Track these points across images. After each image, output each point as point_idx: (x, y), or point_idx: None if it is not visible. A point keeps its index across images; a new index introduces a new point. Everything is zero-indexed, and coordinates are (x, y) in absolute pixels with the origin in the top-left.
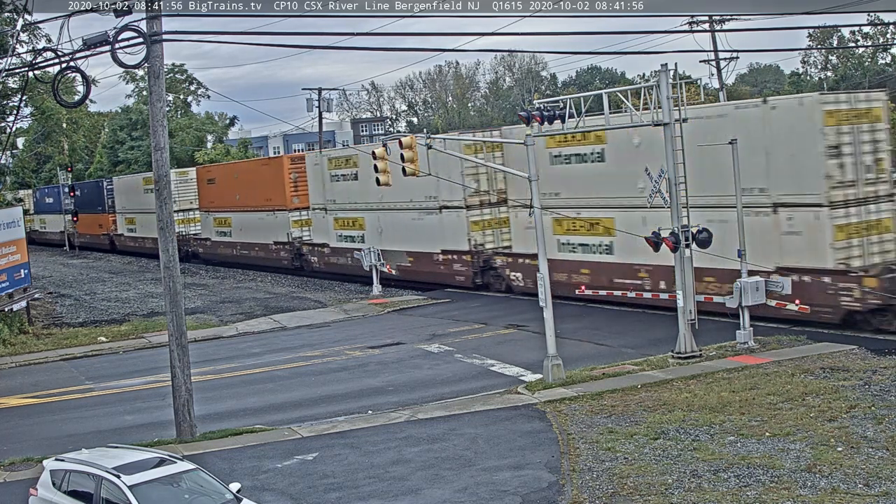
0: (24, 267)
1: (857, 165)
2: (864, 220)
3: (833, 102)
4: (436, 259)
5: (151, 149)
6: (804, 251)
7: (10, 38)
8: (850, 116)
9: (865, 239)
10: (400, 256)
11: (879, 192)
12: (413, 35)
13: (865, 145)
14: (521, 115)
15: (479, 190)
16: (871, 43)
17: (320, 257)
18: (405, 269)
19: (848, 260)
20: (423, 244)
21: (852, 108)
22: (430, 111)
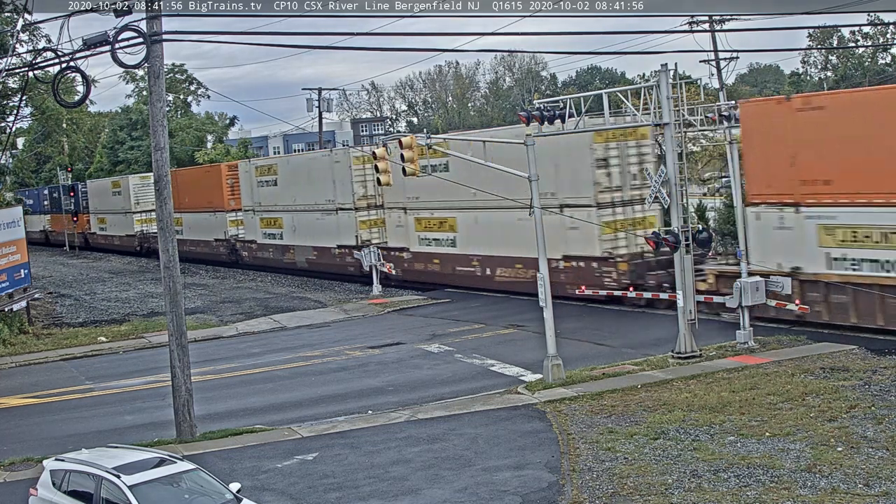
0: (24, 267)
1: (623, 174)
2: (628, 217)
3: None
4: (334, 253)
5: (151, 149)
6: (581, 242)
7: (10, 37)
8: (617, 135)
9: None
10: (308, 251)
11: (644, 195)
12: (413, 35)
13: (631, 158)
14: (521, 115)
15: (367, 195)
16: (871, 43)
17: (250, 252)
18: (312, 262)
19: (613, 250)
20: (324, 240)
21: (620, 129)
22: (430, 111)
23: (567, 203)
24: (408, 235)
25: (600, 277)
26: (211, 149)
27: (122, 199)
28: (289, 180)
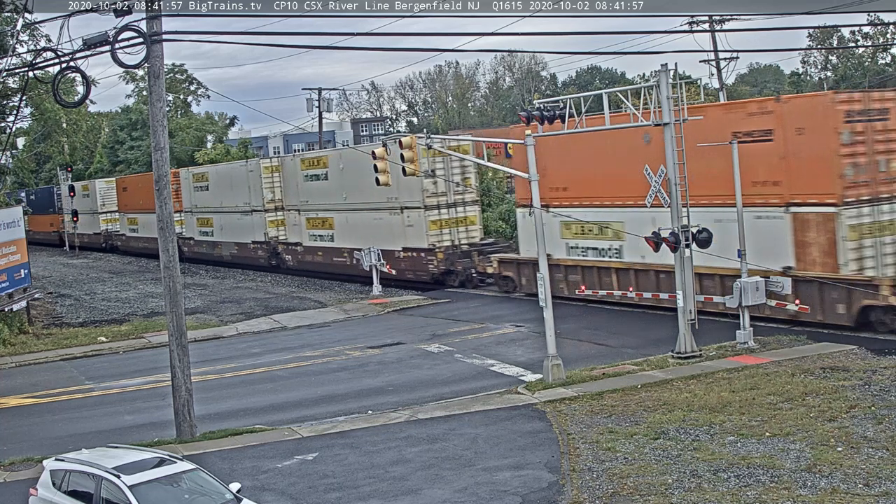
0: (24, 267)
1: (448, 182)
2: (452, 217)
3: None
4: (250, 247)
5: (151, 149)
6: (415, 237)
7: (10, 37)
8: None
9: (453, 229)
10: (231, 246)
11: (466, 199)
12: (413, 35)
13: (455, 170)
14: (521, 115)
15: (274, 198)
16: (871, 43)
17: (189, 247)
18: (234, 255)
19: (439, 242)
20: (243, 237)
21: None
22: (430, 111)
23: (406, 206)
24: (301, 232)
25: (426, 264)
26: (211, 149)
27: (90, 200)
28: (217, 186)
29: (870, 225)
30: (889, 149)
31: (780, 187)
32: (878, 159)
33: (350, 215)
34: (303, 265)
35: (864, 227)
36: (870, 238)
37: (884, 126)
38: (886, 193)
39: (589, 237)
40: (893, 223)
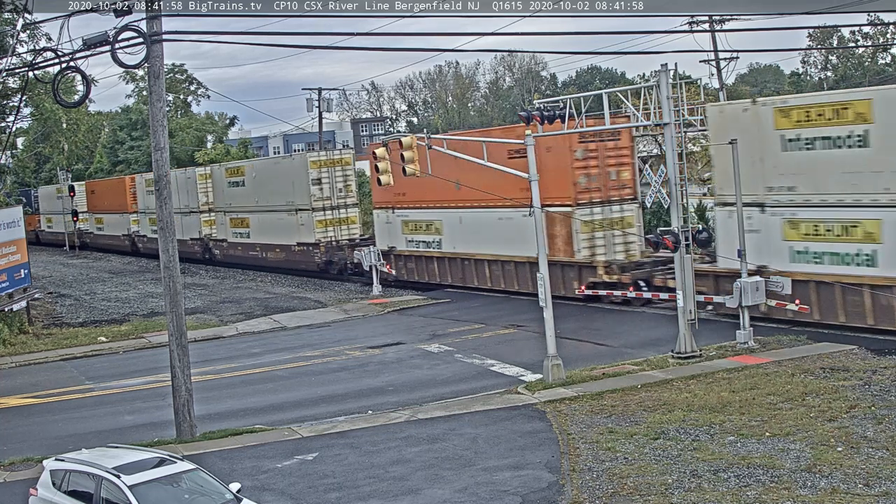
0: (24, 267)
1: (332, 189)
2: (336, 217)
3: (316, 156)
4: (188, 243)
5: (151, 149)
6: (306, 233)
7: (10, 38)
8: (327, 163)
9: (336, 227)
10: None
11: (347, 202)
12: (413, 35)
13: (338, 178)
14: (521, 115)
15: (209, 201)
16: (871, 43)
17: (143, 244)
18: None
19: (324, 237)
20: (185, 234)
21: (329, 158)
22: (430, 111)
23: (299, 207)
24: (226, 230)
25: (312, 256)
26: (211, 149)
27: (62, 203)
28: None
29: (600, 221)
30: (619, 162)
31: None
32: (608, 171)
33: (261, 216)
34: (227, 258)
35: (595, 223)
36: (600, 231)
37: (615, 145)
38: (616, 197)
39: (420, 233)
40: (622, 220)
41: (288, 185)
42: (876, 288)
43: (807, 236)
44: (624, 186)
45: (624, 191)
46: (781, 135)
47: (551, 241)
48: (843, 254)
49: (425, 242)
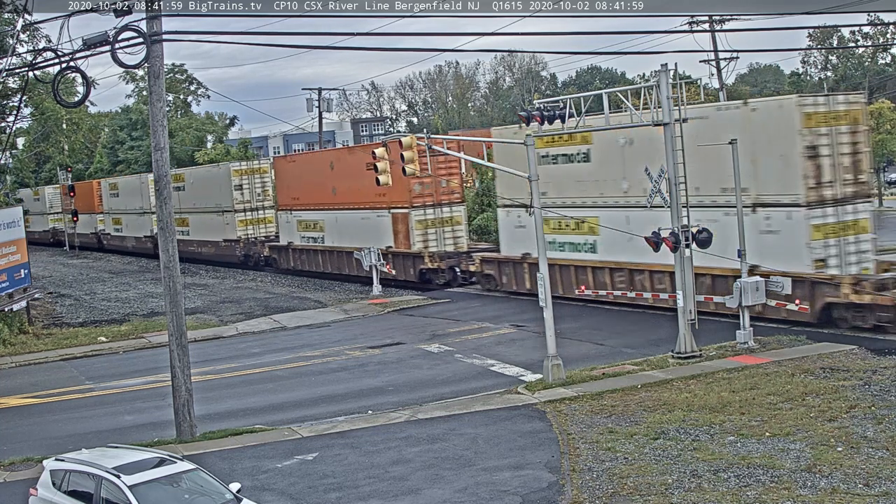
0: (24, 267)
1: (252, 194)
2: (256, 217)
3: (238, 165)
4: (143, 239)
5: (151, 149)
6: (230, 231)
7: (10, 38)
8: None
9: (255, 226)
10: (132, 240)
11: (265, 205)
12: (413, 35)
13: (257, 184)
14: (520, 115)
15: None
16: (871, 43)
17: (108, 241)
18: (135, 246)
19: (244, 235)
20: (139, 232)
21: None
22: (430, 111)
23: (224, 209)
24: None
25: (235, 251)
26: (211, 149)
27: (40, 203)
28: (124, 194)
29: (433, 220)
30: (449, 172)
31: (385, 197)
32: (440, 180)
33: (197, 216)
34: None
35: (428, 221)
36: (433, 228)
37: (445, 158)
38: (446, 200)
39: (310, 231)
40: (452, 219)
41: (216, 190)
42: (596, 269)
43: (554, 230)
44: (452, 192)
45: (453, 195)
46: (538, 152)
47: (396, 236)
48: (576, 243)
49: (313, 238)
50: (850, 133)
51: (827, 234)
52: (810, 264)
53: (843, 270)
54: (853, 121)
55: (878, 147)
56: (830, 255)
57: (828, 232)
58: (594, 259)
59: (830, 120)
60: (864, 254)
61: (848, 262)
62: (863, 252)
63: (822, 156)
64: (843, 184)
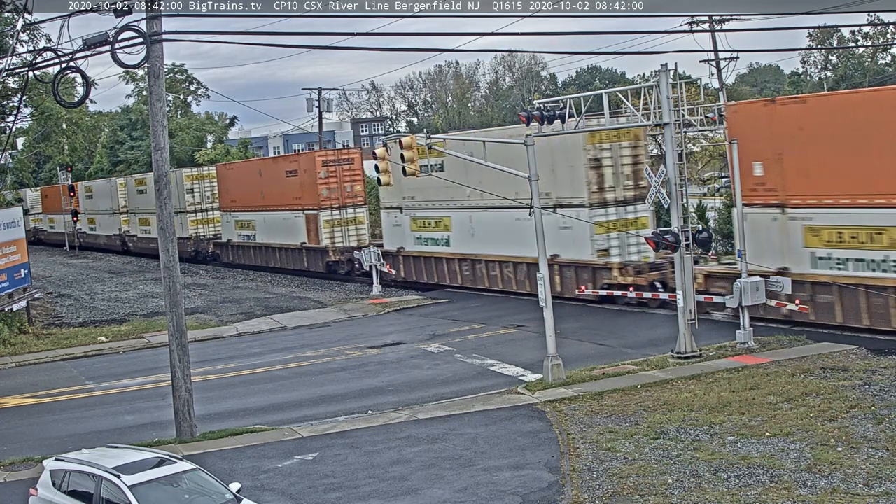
0: (24, 267)
1: (202, 196)
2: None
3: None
4: (112, 237)
5: (151, 149)
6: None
7: (10, 38)
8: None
9: (204, 225)
10: (103, 238)
11: (213, 206)
12: (413, 35)
13: (206, 188)
14: (521, 115)
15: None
16: (871, 43)
17: (83, 238)
18: (105, 243)
19: (194, 233)
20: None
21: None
22: (430, 111)
23: (178, 210)
24: (136, 228)
25: (186, 248)
26: (211, 149)
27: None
28: (97, 196)
29: (338, 219)
30: (353, 179)
31: (301, 200)
32: (345, 185)
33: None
34: (137, 249)
35: (334, 220)
36: (339, 227)
37: (350, 168)
38: (350, 203)
39: (245, 229)
40: (355, 219)
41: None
42: (451, 260)
43: (421, 228)
44: (356, 195)
45: (357, 198)
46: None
47: (309, 233)
48: (435, 238)
49: (247, 236)
50: (632, 148)
51: (608, 229)
52: (594, 254)
53: (624, 259)
54: (634, 138)
55: None
56: (612, 245)
57: (609, 227)
58: (449, 251)
59: (613, 137)
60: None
61: (629, 252)
62: (642, 244)
63: (605, 166)
64: (625, 189)
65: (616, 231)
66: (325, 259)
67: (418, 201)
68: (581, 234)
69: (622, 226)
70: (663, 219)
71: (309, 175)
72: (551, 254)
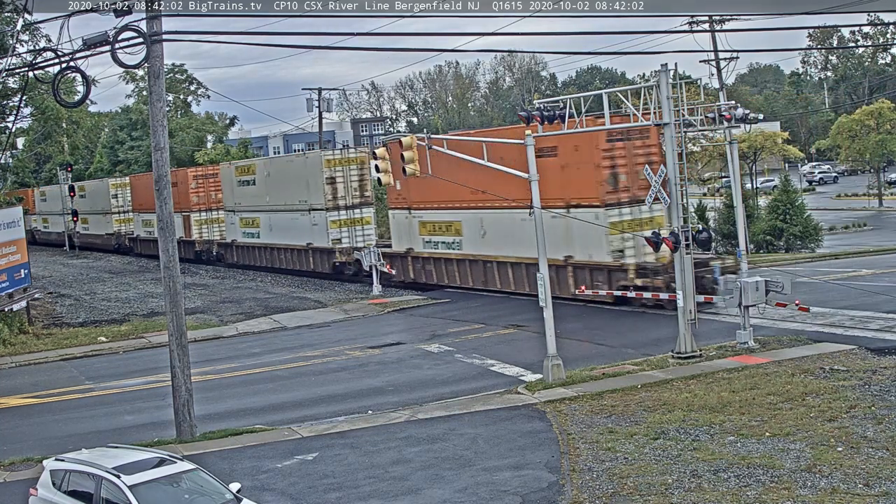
0: (24, 267)
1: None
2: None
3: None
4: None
5: (151, 149)
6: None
7: (10, 37)
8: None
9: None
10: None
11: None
12: (413, 35)
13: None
14: (521, 115)
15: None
16: (871, 43)
17: (39, 235)
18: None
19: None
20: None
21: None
22: (430, 111)
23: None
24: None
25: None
26: (211, 149)
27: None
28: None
29: (345, 220)
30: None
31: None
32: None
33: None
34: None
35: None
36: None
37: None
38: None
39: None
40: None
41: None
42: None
43: (245, 225)
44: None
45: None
46: (237, 178)
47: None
48: (253, 232)
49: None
50: (359, 169)
51: (341, 225)
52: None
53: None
54: (360, 162)
55: (878, 147)
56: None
57: (342, 224)
58: (263, 242)
59: (343, 162)
60: (369, 237)
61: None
62: (367, 236)
63: (338, 182)
64: (353, 197)
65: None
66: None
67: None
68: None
69: (350, 223)
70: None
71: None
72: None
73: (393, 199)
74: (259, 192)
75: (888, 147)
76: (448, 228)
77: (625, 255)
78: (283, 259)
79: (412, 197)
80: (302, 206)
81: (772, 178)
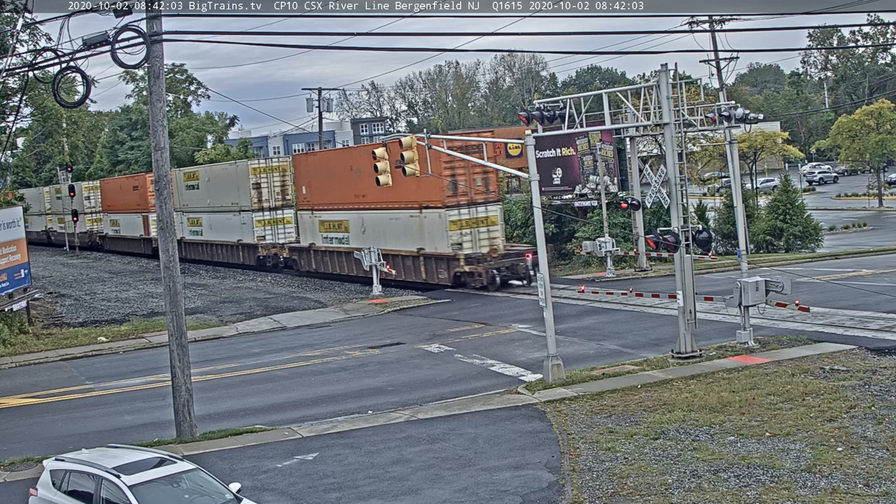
0: (24, 267)
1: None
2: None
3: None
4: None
5: (151, 149)
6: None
7: (10, 37)
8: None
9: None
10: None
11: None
12: (413, 35)
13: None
14: (521, 116)
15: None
16: (871, 43)
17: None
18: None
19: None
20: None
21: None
22: (430, 111)
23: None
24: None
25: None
26: (211, 149)
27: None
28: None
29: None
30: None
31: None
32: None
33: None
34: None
35: (190, 220)
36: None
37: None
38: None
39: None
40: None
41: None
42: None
43: (191, 224)
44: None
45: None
46: (184, 183)
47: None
48: (197, 230)
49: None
50: (280, 176)
51: (265, 224)
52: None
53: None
54: (282, 170)
55: (878, 147)
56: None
57: (265, 223)
58: (205, 238)
59: (268, 170)
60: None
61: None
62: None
63: (263, 187)
64: (276, 200)
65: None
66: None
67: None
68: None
69: (273, 222)
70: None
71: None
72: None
73: (301, 202)
74: (202, 195)
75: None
76: (339, 226)
77: (462, 248)
78: (220, 253)
79: (314, 200)
80: (234, 208)
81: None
